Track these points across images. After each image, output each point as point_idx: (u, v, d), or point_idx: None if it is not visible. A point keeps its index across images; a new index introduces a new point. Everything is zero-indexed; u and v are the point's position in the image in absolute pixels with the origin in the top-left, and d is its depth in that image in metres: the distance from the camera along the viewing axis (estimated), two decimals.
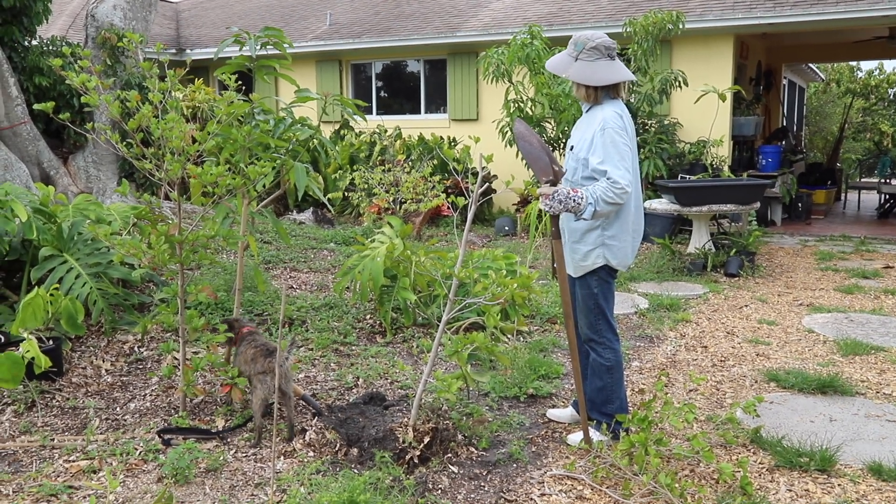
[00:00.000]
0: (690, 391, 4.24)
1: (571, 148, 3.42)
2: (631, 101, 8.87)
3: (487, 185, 3.25)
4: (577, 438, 3.51)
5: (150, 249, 3.50)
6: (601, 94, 3.34)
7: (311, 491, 3.02)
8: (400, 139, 11.06)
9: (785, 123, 14.94)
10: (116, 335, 4.69)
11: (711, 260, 7.41)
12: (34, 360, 3.39)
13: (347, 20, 13.43)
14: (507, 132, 9.39)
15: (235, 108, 3.63)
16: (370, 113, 12.65)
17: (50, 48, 8.64)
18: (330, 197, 10.06)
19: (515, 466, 3.31)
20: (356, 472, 3.16)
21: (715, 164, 9.52)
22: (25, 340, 3.43)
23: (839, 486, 3.12)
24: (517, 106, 9.25)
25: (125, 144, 3.43)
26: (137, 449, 3.40)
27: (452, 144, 10.96)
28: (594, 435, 3.46)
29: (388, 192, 9.42)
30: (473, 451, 3.41)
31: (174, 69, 3.62)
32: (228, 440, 3.53)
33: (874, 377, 4.43)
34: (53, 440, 3.49)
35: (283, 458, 3.35)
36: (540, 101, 9.06)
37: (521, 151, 3.34)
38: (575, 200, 3.15)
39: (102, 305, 4.48)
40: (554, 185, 3.21)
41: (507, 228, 9.82)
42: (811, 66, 16.54)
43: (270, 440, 3.48)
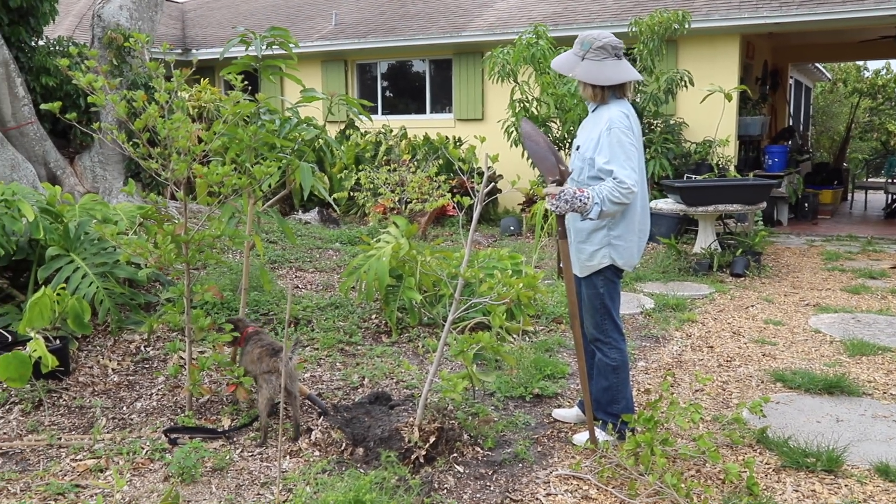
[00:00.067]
0: (696, 391, 4.23)
1: (577, 148, 3.42)
2: (637, 100, 8.85)
3: (493, 184, 3.25)
4: (582, 438, 3.51)
5: (156, 249, 3.51)
6: (608, 93, 3.34)
7: (316, 490, 3.02)
8: (405, 139, 11.06)
9: (791, 123, 14.90)
10: (123, 334, 4.70)
11: (717, 260, 7.39)
12: (41, 359, 3.41)
13: (353, 20, 13.44)
14: (512, 132, 9.39)
15: (241, 107, 3.64)
16: (375, 113, 12.65)
17: (56, 48, 8.67)
18: (335, 197, 10.07)
19: (521, 466, 3.30)
20: (362, 471, 3.16)
21: (721, 163, 9.50)
22: (32, 340, 3.45)
23: (846, 486, 3.11)
24: (522, 106, 9.25)
25: (131, 144, 3.44)
26: (144, 448, 3.42)
27: (458, 144, 10.96)
28: (600, 435, 3.46)
29: (393, 191, 9.42)
30: (479, 450, 3.41)
31: (180, 69, 3.63)
32: (234, 439, 3.54)
33: (881, 378, 4.41)
34: (60, 439, 3.51)
35: (288, 457, 3.36)
36: (545, 100, 9.05)
37: (527, 151, 3.34)
38: (581, 200, 3.14)
39: (109, 305, 4.50)
40: (560, 184, 3.21)
41: (512, 228, 9.81)
42: (818, 65, 16.49)
43: (276, 439, 3.49)
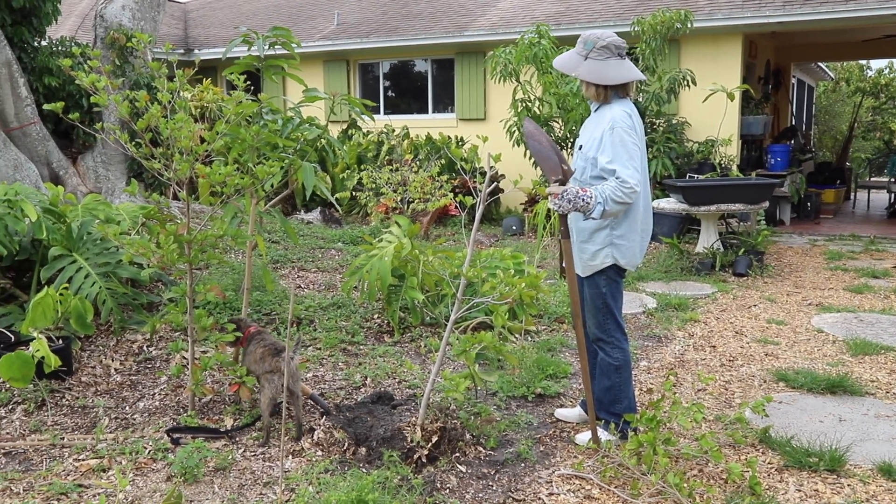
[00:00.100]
0: (699, 391, 4.22)
1: (580, 147, 3.41)
2: (639, 100, 8.84)
3: (495, 184, 3.25)
4: (585, 438, 3.51)
5: (158, 249, 3.51)
6: (611, 93, 3.33)
7: (319, 490, 3.03)
8: (407, 139, 11.06)
9: (794, 122, 14.88)
10: (125, 334, 4.71)
11: (720, 259, 7.38)
12: (44, 359, 3.41)
13: (355, 20, 13.45)
14: (514, 132, 9.38)
15: (244, 107, 3.64)
16: (378, 112, 12.65)
17: (59, 49, 8.68)
18: (338, 196, 10.08)
19: (524, 466, 3.30)
20: (364, 471, 3.16)
21: (723, 163, 9.49)
22: (35, 340, 3.46)
23: (849, 486, 3.11)
24: (525, 105, 9.24)
25: (134, 144, 3.44)
26: (147, 448, 3.42)
27: (460, 144, 10.95)
28: (602, 434, 3.46)
29: (395, 191, 9.42)
30: (481, 450, 3.41)
31: (183, 69, 3.63)
32: (237, 439, 3.54)
33: (884, 377, 4.40)
34: (63, 439, 3.51)
35: (291, 457, 3.36)
36: (548, 100, 9.04)
37: (530, 150, 3.34)
38: (584, 200, 3.14)
39: (112, 305, 4.50)
40: (563, 184, 3.21)
41: (514, 228, 9.80)
42: (820, 64, 16.46)
43: (279, 439, 3.49)
